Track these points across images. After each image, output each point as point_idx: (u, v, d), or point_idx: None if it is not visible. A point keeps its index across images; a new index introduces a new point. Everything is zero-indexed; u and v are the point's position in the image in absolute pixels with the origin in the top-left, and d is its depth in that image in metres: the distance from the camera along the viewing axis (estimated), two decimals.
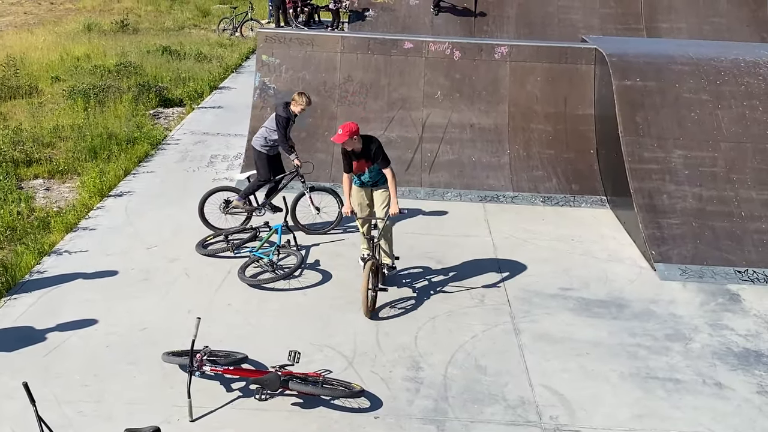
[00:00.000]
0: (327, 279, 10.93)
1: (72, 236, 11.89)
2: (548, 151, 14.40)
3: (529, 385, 8.79)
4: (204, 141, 16.43)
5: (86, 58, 21.82)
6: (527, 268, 11.45)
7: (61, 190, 13.83)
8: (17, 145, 15.09)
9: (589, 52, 14.77)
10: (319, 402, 8.34)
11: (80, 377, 8.63)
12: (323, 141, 14.37)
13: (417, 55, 14.89)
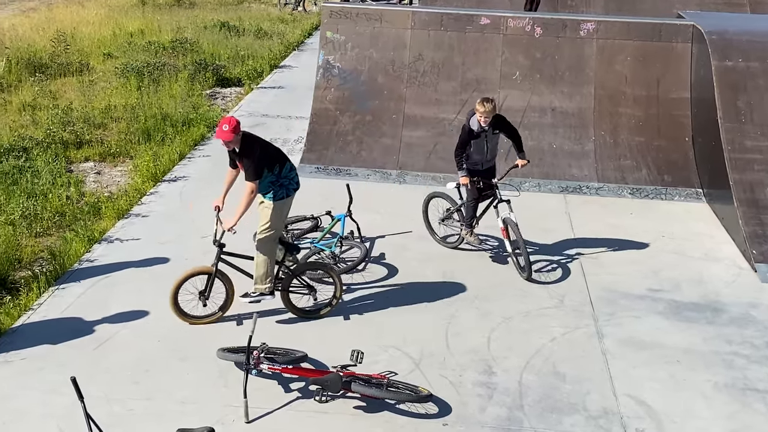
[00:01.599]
0: (393, 274, 10.91)
1: (123, 223, 12.06)
2: (638, 138, 14.16)
3: (613, 394, 8.66)
4: (263, 123, 16.52)
5: (140, 34, 22.12)
6: (612, 266, 11.28)
7: (113, 174, 14.05)
8: (67, 125, 15.37)
9: (685, 29, 14.45)
10: (383, 406, 8.33)
11: (130, 373, 8.76)
12: (390, 125, 14.37)
13: (494, 31, 14.74)
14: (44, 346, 9.17)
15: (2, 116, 15.95)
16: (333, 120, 14.53)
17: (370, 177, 13.83)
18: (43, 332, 9.43)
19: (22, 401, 8.27)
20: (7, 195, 12.58)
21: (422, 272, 10.90)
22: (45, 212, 12.15)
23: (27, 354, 9.03)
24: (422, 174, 13.89)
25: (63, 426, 7.92)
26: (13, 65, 18.33)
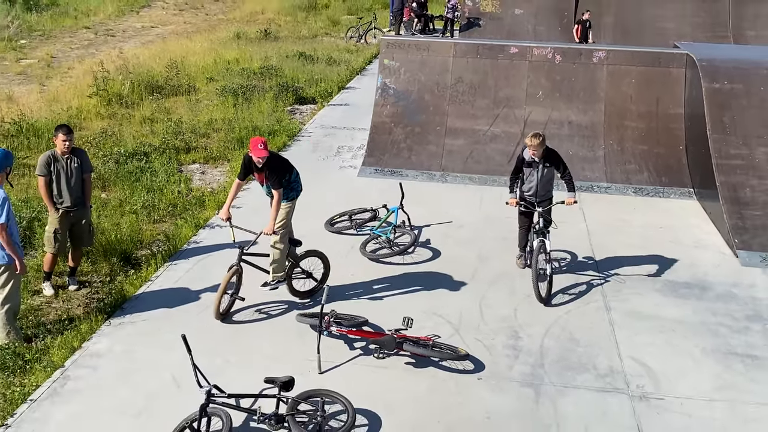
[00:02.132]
0: (437, 256, 10.94)
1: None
2: (640, 146, 14.03)
3: (618, 356, 8.62)
4: (332, 134, 16.63)
5: (235, 62, 22.35)
6: (618, 251, 11.20)
7: (214, 174, 14.24)
8: (178, 135, 15.59)
9: (680, 57, 14.29)
10: (429, 363, 8.39)
11: (227, 333, 8.91)
12: (435, 134, 14.39)
13: (521, 58, 14.69)
14: (160, 309, 9.36)
15: (127, 127, 16.24)
16: (389, 131, 14.58)
17: (418, 177, 13.86)
18: (159, 299, 9.62)
19: (143, 354, 8.46)
20: (132, 190, 12.82)
21: (461, 255, 10.91)
22: (161, 204, 12.35)
23: (147, 316, 9.23)
24: (461, 175, 13.90)
25: (176, 374, 8.09)
26: (136, 87, 18.63)
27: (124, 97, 18.14)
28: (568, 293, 9.96)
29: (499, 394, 7.93)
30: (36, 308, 9.35)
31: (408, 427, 7.44)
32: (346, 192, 13.10)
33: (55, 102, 17.80)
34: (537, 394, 7.94)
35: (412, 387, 8.01)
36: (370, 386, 7.97)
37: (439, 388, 8.01)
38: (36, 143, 14.63)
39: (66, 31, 28.14)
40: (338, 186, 13.43)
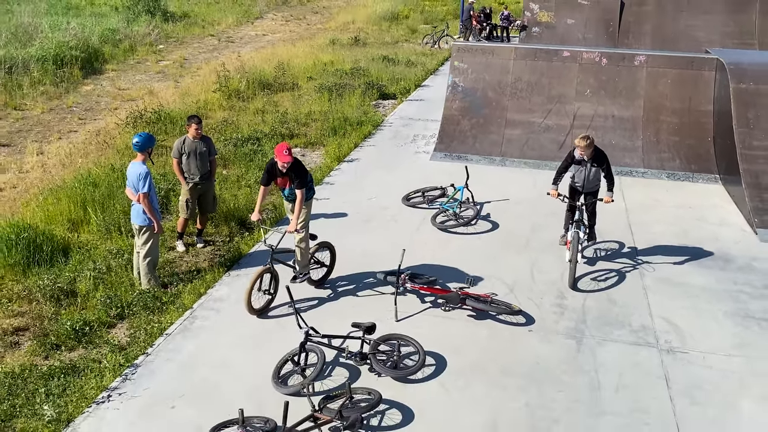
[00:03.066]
0: (495, 227, 10.87)
1: (318, 188, 12.32)
2: (674, 138, 13.58)
3: (649, 316, 8.46)
4: (409, 124, 16.60)
5: (330, 64, 22.46)
6: (653, 227, 10.92)
7: (312, 156, 14.42)
8: (284, 123, 15.79)
9: (711, 61, 13.72)
10: (487, 316, 8.39)
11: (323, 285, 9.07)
12: (496, 125, 14.22)
13: (572, 61, 14.34)
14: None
15: (243, 117, 16.54)
16: (457, 122, 14.47)
17: (481, 161, 13.73)
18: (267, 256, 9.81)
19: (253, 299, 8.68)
20: (247, 168, 13.08)
21: (516, 227, 10.82)
22: None
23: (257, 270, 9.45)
24: (517, 160, 13.71)
25: (280, 316, 8.29)
26: (250, 84, 18.93)
27: (241, 92, 18.45)
28: (609, 261, 9.78)
29: (546, 344, 7.88)
30: (171, 261, 9.69)
31: (469, 366, 7.47)
32: (420, 173, 13.09)
33: (186, 96, 18.25)
34: (579, 344, 7.86)
35: (473, 335, 8.03)
36: (438, 333, 8.03)
37: (496, 336, 8.01)
38: (171, 129, 15.05)
39: (195, 38, 28.70)
40: (413, 168, 13.43)
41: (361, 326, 7.46)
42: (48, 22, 25.97)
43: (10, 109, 17.16)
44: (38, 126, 16.09)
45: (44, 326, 8.08)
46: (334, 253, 9.22)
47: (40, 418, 6.61)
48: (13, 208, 11.19)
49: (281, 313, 8.31)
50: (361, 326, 7.46)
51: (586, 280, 9.25)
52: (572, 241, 9.02)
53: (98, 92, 19.43)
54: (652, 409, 6.87)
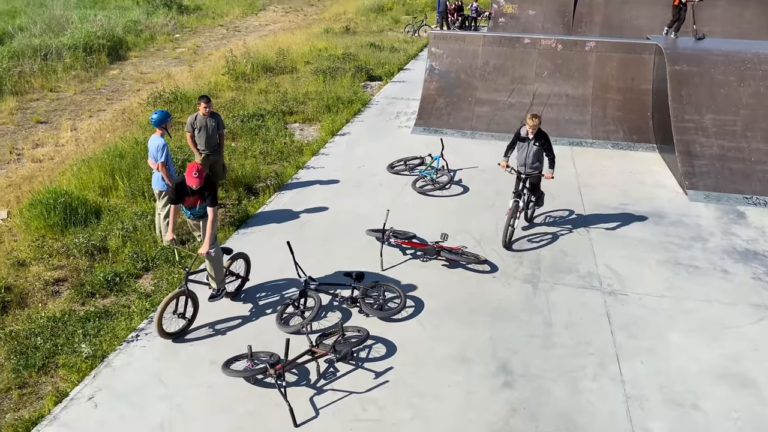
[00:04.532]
0: (466, 191, 10.86)
1: (315, 158, 12.31)
2: (618, 112, 13.53)
3: (594, 264, 8.53)
4: (393, 103, 16.44)
5: (325, 50, 22.11)
6: (598, 188, 10.95)
7: (309, 131, 14.29)
8: (284, 102, 15.58)
9: (651, 47, 13.61)
10: (458, 265, 8.43)
11: (319, 241, 9.05)
12: (467, 103, 14.09)
13: (532, 47, 14.17)
14: (271, 224, 9.54)
15: (249, 96, 16.31)
16: (434, 100, 14.34)
17: (454, 134, 13.65)
18: (271, 217, 9.81)
19: (259, 253, 8.66)
20: (252, 141, 12.95)
21: (483, 191, 10.82)
22: (272, 151, 12.46)
23: (262, 228, 9.43)
24: (486, 133, 13.63)
25: (282, 267, 8.29)
26: (254, 67, 18.63)
27: (247, 75, 18.15)
28: (561, 218, 9.83)
29: (507, 287, 7.96)
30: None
31: (442, 307, 7.54)
32: (402, 144, 13.02)
33: (199, 78, 17.94)
34: (534, 288, 7.94)
35: (446, 281, 8.08)
36: (417, 280, 8.07)
37: (465, 282, 8.07)
38: (186, 107, 14.83)
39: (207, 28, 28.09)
40: (397, 140, 13.35)
41: (351, 275, 7.49)
42: (77, 15, 25.33)
43: (47, 91, 16.82)
44: (71, 105, 15.80)
45: (80, 277, 8.06)
46: (249, 263, 7.80)
47: (78, 354, 6.63)
48: (51, 176, 11.06)
49: (283, 264, 8.31)
50: (351, 275, 7.49)
51: (541, 233, 9.30)
52: (512, 209, 8.72)
53: (123, 76, 19.06)
54: (595, 342, 6.98)
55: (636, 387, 6.32)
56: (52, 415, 5.87)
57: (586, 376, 6.46)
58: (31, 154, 12.38)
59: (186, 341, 6.87)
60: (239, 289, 7.75)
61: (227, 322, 7.23)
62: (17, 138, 13.38)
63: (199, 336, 6.97)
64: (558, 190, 10.79)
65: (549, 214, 9.94)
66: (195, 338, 6.93)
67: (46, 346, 6.74)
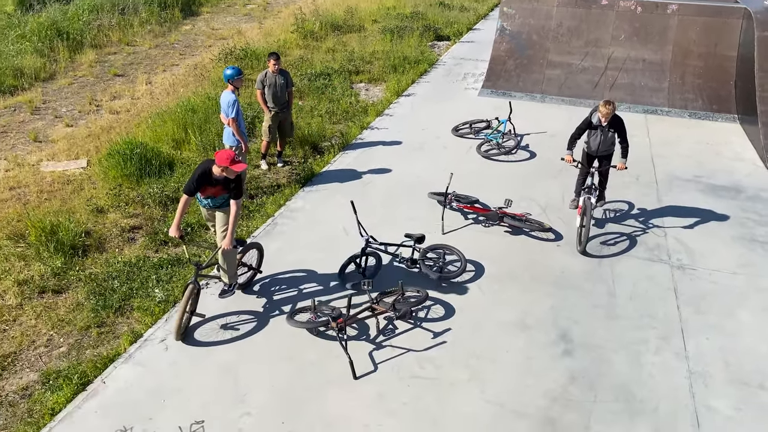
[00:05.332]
0: (533, 156, 10.65)
1: (379, 119, 12.28)
2: (698, 80, 12.84)
3: (664, 236, 8.27)
4: (461, 64, 16.12)
5: (393, 8, 21.78)
6: (672, 159, 10.52)
7: (375, 91, 14.24)
8: (351, 61, 15.54)
9: (739, 10, 12.76)
10: (521, 232, 8.34)
11: (380, 201, 9.11)
12: (538, 66, 13.68)
13: (609, 9, 13.54)
14: (335, 183, 9.66)
15: (316, 55, 16.34)
16: (503, 62, 13.99)
17: (523, 98, 13.32)
18: (336, 175, 9.91)
19: (323, 212, 8.82)
20: (319, 100, 13.03)
21: (551, 157, 10.57)
22: (338, 110, 12.51)
23: (326, 187, 9.55)
24: (556, 97, 13.25)
25: (345, 226, 8.42)
26: (323, 26, 18.58)
27: (315, 33, 18.13)
28: (629, 188, 9.52)
29: (571, 257, 7.82)
30: (256, 177, 9.87)
31: (504, 273, 7.50)
32: (468, 107, 12.81)
33: (268, 35, 18.06)
34: (600, 259, 7.78)
35: (508, 248, 8.02)
36: (478, 245, 8.04)
37: (528, 250, 7.98)
38: (256, 64, 15.01)
39: None
40: (463, 102, 13.15)
41: (412, 236, 7.53)
42: None
43: (123, 44, 17.34)
44: (146, 60, 16.26)
45: (154, 226, 8.42)
46: (262, 253, 7.32)
47: (152, 299, 6.99)
48: (127, 128, 11.49)
49: (346, 223, 8.42)
50: (412, 236, 7.53)
51: (608, 203, 9.03)
52: (583, 207, 7.86)
53: (195, 31, 19.40)
54: (660, 315, 6.81)
55: (700, 363, 6.16)
56: (127, 353, 6.24)
57: (648, 349, 6.34)
58: (109, 105, 12.88)
59: (253, 291, 7.12)
60: (250, 280, 7.19)
61: (293, 273, 7.43)
62: (96, 90, 13.92)
63: (264, 286, 7.21)
64: (629, 160, 10.42)
65: (618, 184, 9.63)
66: (261, 289, 7.17)
67: (122, 289, 7.12)
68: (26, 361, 6.21)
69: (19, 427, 5.40)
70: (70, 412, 5.54)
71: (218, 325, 6.62)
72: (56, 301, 7.03)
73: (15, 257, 7.66)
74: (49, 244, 7.68)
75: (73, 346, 6.40)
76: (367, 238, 7.36)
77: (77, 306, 6.92)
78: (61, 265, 7.50)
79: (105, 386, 5.84)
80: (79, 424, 5.43)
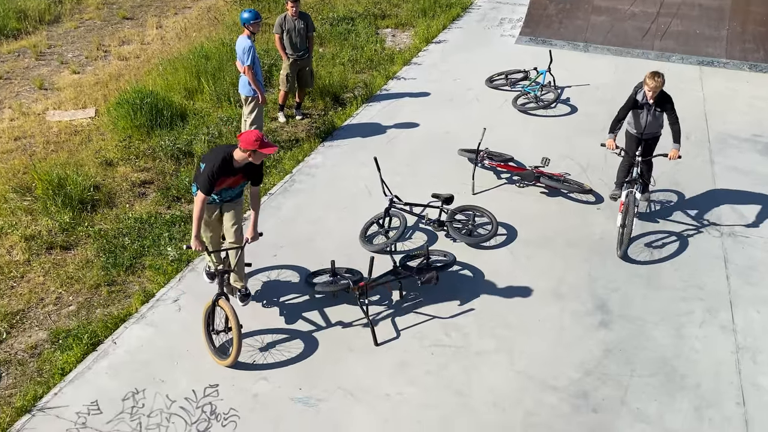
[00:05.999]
0: (574, 111, 10.46)
1: (406, 68, 12.13)
2: (760, 28, 12.40)
3: (715, 201, 8.13)
4: (497, 8, 15.75)
5: None
6: (727, 115, 10.25)
7: (402, 37, 14.04)
8: (376, 4, 15.29)
9: None
10: (559, 194, 8.27)
11: (405, 158, 9.08)
12: (582, 11, 13.35)
13: None
14: (358, 138, 9.63)
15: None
16: (544, 6, 13.64)
17: (564, 47, 13.02)
18: (358, 130, 9.87)
19: (344, 168, 8.82)
20: (341, 47, 12.90)
21: (594, 112, 10.37)
22: (362, 59, 12.38)
23: (348, 142, 9.53)
24: (600, 46, 12.90)
25: (368, 185, 8.42)
26: None
27: None
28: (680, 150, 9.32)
29: (612, 221, 7.74)
30: (273, 130, 9.88)
31: (536, 237, 7.47)
32: (504, 56, 12.57)
33: None
34: (643, 224, 7.68)
35: (544, 210, 7.96)
36: (511, 207, 8.00)
37: (565, 212, 7.92)
38: (274, 7, 14.85)
39: None
40: (498, 50, 12.90)
41: (440, 197, 7.50)
42: None
43: None
44: (157, 1, 16.19)
45: (166, 181, 8.51)
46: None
47: (164, 257, 7.11)
48: (137, 75, 11.53)
49: (369, 180, 8.42)
50: (440, 197, 7.50)
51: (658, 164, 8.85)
52: (626, 204, 7.08)
53: None
54: (707, 286, 6.75)
55: (750, 337, 6.11)
56: (139, 313, 6.40)
57: (692, 321, 6.30)
58: (117, 51, 12.91)
59: (271, 250, 7.20)
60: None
61: (311, 233, 7.49)
62: (104, 34, 13.94)
63: (281, 246, 7.28)
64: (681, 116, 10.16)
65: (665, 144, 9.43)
66: (279, 249, 7.25)
67: (133, 247, 7.26)
68: (35, 319, 6.41)
69: (30, 386, 5.61)
70: (81, 372, 5.73)
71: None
72: (65, 257, 7.20)
73: (22, 211, 7.83)
74: (56, 198, 7.83)
75: (83, 304, 6.57)
76: (391, 198, 7.36)
77: (86, 263, 7.09)
78: (69, 220, 7.65)
79: (116, 347, 6.01)
80: (89, 384, 5.61)
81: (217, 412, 5.37)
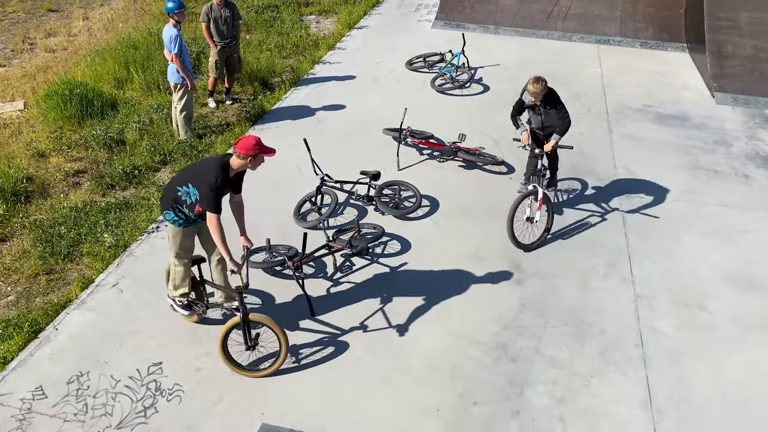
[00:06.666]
0: (486, 90, 10.60)
1: (331, 53, 11.98)
2: (649, 9, 12.85)
3: (614, 166, 8.44)
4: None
5: None
6: (622, 88, 10.63)
7: (326, 23, 13.83)
8: None
9: None
10: (475, 166, 8.38)
11: (336, 138, 9.00)
12: None
13: None
14: (287, 120, 9.47)
15: None
16: None
17: (476, 30, 13.13)
18: (287, 113, 9.70)
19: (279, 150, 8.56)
20: (267, 34, 12.60)
21: (504, 89, 10.53)
22: (288, 44, 12.14)
23: (279, 125, 9.36)
24: (509, 29, 13.09)
25: (299, 165, 8.30)
26: None
27: None
28: (582, 119, 9.61)
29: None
30: (204, 116, 9.59)
31: (458, 208, 7.58)
32: (422, 39, 12.58)
33: None
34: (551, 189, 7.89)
35: (463, 182, 8.07)
36: (433, 180, 8.07)
37: (482, 183, 8.05)
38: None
39: None
40: (416, 34, 12.90)
41: (368, 173, 7.49)
42: None
43: None
44: None
45: (100, 169, 8.14)
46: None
47: (101, 244, 6.83)
48: (65, 67, 10.92)
49: (300, 161, 8.30)
50: (368, 173, 7.49)
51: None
52: (531, 197, 6.89)
53: None
54: (609, 243, 7.03)
55: (647, 287, 6.42)
56: (79, 299, 6.13)
57: (597, 275, 6.57)
58: (44, 43, 12.17)
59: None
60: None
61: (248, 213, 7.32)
62: (29, 26, 13.11)
63: None
64: (582, 91, 10.49)
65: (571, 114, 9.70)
66: None
67: (70, 235, 6.93)
68: None
69: None
70: (23, 360, 5.46)
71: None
72: (0, 249, 6.80)
73: None
74: None
75: (22, 294, 6.24)
76: (322, 177, 7.29)
77: (23, 254, 6.72)
78: (3, 212, 7.22)
79: (58, 333, 5.75)
80: (33, 371, 5.36)
81: (162, 388, 5.24)
